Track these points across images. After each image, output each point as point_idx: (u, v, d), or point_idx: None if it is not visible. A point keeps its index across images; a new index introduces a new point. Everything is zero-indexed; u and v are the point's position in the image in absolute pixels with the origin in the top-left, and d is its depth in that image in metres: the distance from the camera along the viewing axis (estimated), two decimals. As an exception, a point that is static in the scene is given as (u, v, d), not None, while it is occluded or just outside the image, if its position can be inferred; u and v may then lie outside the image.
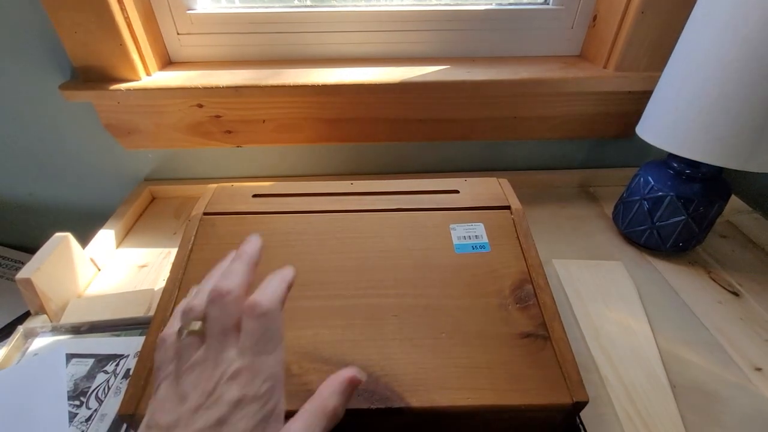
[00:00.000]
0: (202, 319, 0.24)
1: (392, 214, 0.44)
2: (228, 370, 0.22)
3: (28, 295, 0.45)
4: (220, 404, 0.21)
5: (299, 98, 0.60)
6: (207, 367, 0.22)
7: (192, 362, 0.22)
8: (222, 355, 0.22)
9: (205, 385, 0.21)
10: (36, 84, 0.58)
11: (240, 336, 0.23)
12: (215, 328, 0.23)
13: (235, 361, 0.22)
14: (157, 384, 0.23)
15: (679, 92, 0.45)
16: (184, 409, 0.21)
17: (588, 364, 0.43)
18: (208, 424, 0.20)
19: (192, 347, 0.23)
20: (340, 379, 0.24)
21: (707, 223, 0.52)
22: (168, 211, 0.67)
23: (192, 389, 0.21)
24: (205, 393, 0.21)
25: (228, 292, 0.23)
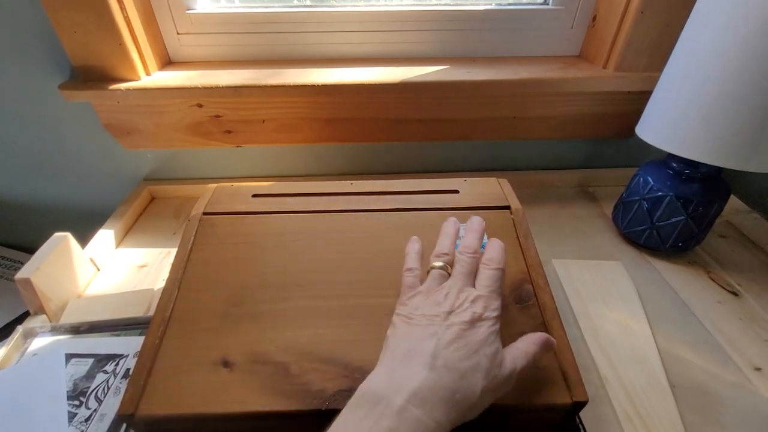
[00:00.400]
0: (449, 263, 0.33)
1: (392, 214, 0.44)
2: (471, 295, 0.30)
3: (28, 295, 0.45)
4: (466, 313, 0.29)
5: (299, 98, 0.60)
6: (454, 290, 0.30)
7: (442, 286, 0.31)
8: (465, 286, 0.31)
9: (454, 300, 0.30)
10: (35, 84, 0.58)
11: (478, 279, 0.32)
12: (461, 269, 0.32)
13: (476, 292, 0.30)
14: (407, 296, 0.32)
15: (679, 92, 0.45)
16: (440, 309, 0.29)
17: (587, 364, 0.43)
18: (461, 321, 0.28)
19: (441, 277, 0.32)
20: (542, 336, 0.31)
21: (706, 223, 0.52)
22: (167, 211, 0.67)
23: (444, 300, 0.30)
24: (455, 304, 0.29)
25: (474, 251, 0.33)
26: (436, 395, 0.25)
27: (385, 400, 0.24)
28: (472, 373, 0.26)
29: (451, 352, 0.27)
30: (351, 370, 0.32)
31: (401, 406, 0.24)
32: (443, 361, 0.26)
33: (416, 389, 0.25)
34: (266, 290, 0.38)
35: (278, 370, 0.32)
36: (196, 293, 0.37)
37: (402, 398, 0.24)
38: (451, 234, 0.36)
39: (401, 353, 0.27)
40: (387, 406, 0.24)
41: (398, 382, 0.25)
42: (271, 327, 0.35)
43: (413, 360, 0.26)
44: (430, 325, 0.28)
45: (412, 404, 0.24)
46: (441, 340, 0.27)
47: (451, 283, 0.31)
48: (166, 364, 0.32)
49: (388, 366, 0.27)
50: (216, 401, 0.30)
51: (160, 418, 0.30)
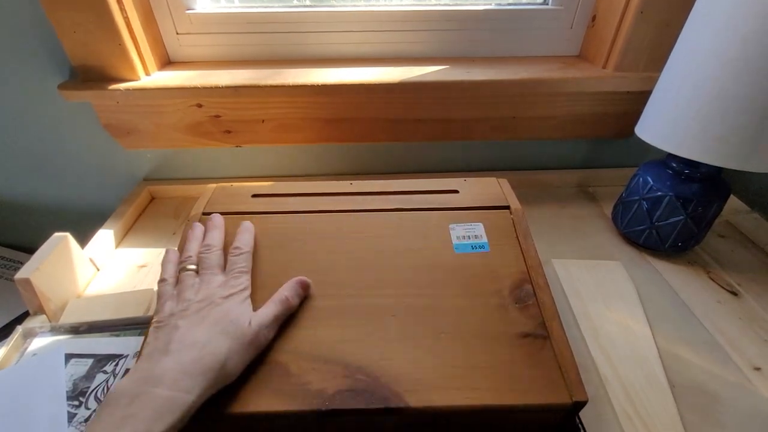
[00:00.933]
0: (195, 264, 0.36)
1: (392, 214, 0.44)
2: (215, 282, 0.35)
3: (27, 295, 0.45)
4: (214, 296, 0.33)
5: (298, 98, 0.60)
6: (203, 284, 0.34)
7: (194, 283, 0.35)
8: (211, 277, 0.35)
9: (204, 292, 0.34)
10: (35, 84, 0.58)
11: (227, 266, 0.37)
12: (205, 266, 0.36)
13: (220, 278, 0.35)
14: (161, 304, 0.34)
15: (678, 92, 0.45)
16: (188, 303, 0.33)
17: (587, 363, 0.43)
18: (205, 305, 0.32)
19: (190, 277, 0.35)
20: (293, 280, 0.36)
21: (706, 223, 0.52)
22: (167, 211, 0.67)
23: (193, 296, 0.33)
24: (204, 295, 0.33)
25: (215, 246, 0.38)
26: (176, 370, 0.28)
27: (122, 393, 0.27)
28: (215, 341, 0.30)
29: (190, 332, 0.30)
30: (351, 370, 0.32)
31: (135, 393, 0.26)
32: (179, 343, 0.29)
33: (153, 374, 0.27)
34: (266, 290, 0.37)
35: (278, 370, 0.32)
36: (195, 293, 0.37)
37: (138, 386, 0.27)
38: (197, 237, 0.40)
39: (145, 355, 0.30)
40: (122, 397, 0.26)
41: (138, 375, 0.28)
42: (270, 327, 0.35)
43: (154, 354, 0.29)
44: (177, 319, 0.31)
45: (147, 386, 0.27)
46: (179, 328, 0.31)
47: (198, 279, 0.35)
48: (166, 364, 0.32)
49: (132, 369, 0.29)
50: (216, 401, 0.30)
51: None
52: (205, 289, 0.34)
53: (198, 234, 0.40)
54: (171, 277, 0.36)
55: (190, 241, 0.39)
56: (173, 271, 0.37)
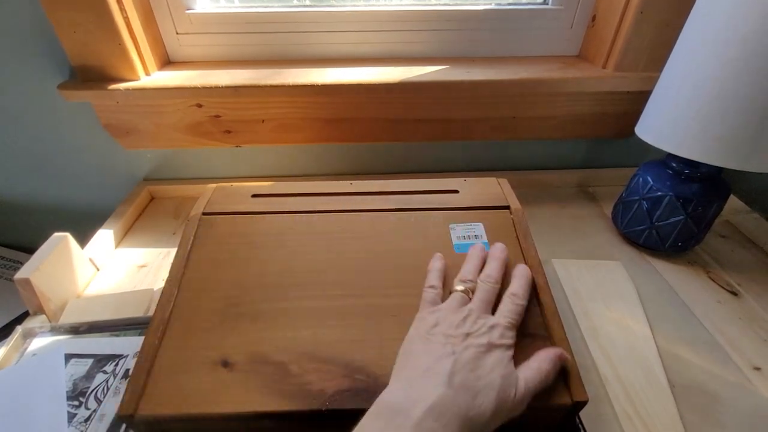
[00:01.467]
0: (471, 290, 0.35)
1: (392, 214, 0.44)
2: (489, 322, 0.32)
3: (27, 295, 0.45)
4: (483, 337, 0.31)
5: (298, 98, 0.60)
6: (473, 315, 0.32)
7: (462, 309, 0.33)
8: (483, 313, 0.33)
9: (472, 324, 0.31)
10: (35, 84, 0.58)
11: (500, 308, 0.34)
12: (481, 296, 0.34)
13: (494, 320, 0.32)
14: (428, 312, 0.33)
15: (678, 92, 0.45)
16: (459, 331, 0.31)
17: (587, 363, 0.43)
18: (479, 344, 0.30)
19: (462, 300, 0.34)
20: (554, 353, 0.32)
21: (706, 223, 0.52)
22: (167, 211, 0.67)
23: (463, 322, 0.31)
24: (473, 328, 0.31)
25: (495, 281, 0.36)
26: (451, 411, 0.26)
27: (403, 412, 0.26)
28: (485, 394, 0.27)
29: (467, 372, 0.28)
30: (351, 370, 0.32)
31: (419, 419, 0.25)
32: (460, 379, 0.27)
33: (434, 404, 0.26)
34: (266, 290, 0.38)
35: (278, 370, 0.32)
36: (195, 293, 0.37)
37: (420, 411, 0.25)
38: (477, 260, 0.38)
39: (420, 369, 0.29)
40: (406, 418, 0.25)
41: (417, 396, 0.27)
42: (271, 327, 0.35)
43: (431, 376, 0.28)
44: (448, 344, 0.30)
45: (430, 417, 0.25)
46: (459, 360, 0.29)
47: (471, 307, 0.33)
48: (166, 364, 0.32)
49: (407, 381, 0.28)
50: (216, 401, 0.30)
51: (160, 418, 0.30)
52: (475, 324, 0.31)
53: (479, 254, 0.38)
54: (439, 287, 0.35)
55: (470, 260, 0.38)
56: (440, 282, 0.36)
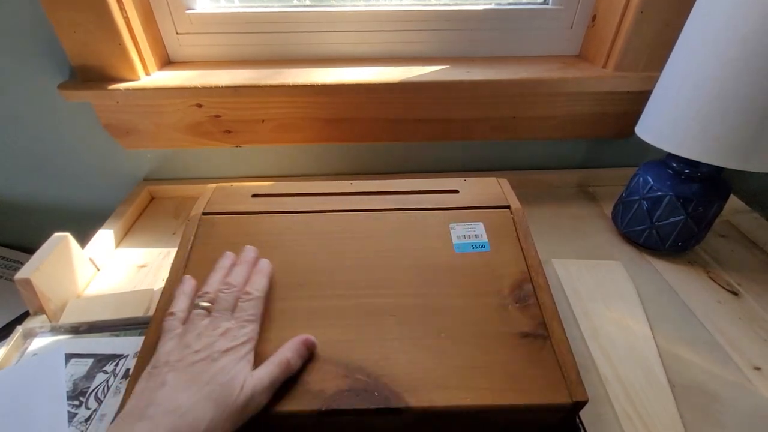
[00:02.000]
0: (210, 301, 0.34)
1: (392, 213, 0.44)
2: (220, 330, 0.32)
3: (27, 295, 0.45)
4: (211, 348, 0.30)
5: (298, 98, 0.60)
6: (208, 329, 0.32)
7: (199, 326, 0.32)
8: (220, 322, 0.32)
9: (205, 340, 0.31)
10: (35, 84, 0.58)
11: (235, 311, 0.34)
12: (221, 307, 0.34)
13: (227, 325, 0.32)
14: (163, 342, 0.31)
15: (678, 92, 0.45)
16: (187, 352, 0.30)
17: (587, 363, 0.43)
18: (200, 359, 0.30)
19: (200, 317, 0.33)
20: (297, 339, 0.33)
21: (706, 223, 0.52)
22: (167, 211, 0.67)
23: (194, 341, 0.31)
24: (204, 343, 0.31)
25: (235, 286, 0.35)
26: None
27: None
28: (197, 407, 0.27)
29: (172, 393, 0.28)
30: (351, 370, 0.32)
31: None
32: (158, 409, 0.27)
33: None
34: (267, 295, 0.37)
35: (278, 370, 0.32)
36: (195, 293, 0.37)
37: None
38: (223, 269, 0.37)
39: (129, 412, 0.28)
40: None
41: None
42: (271, 327, 0.35)
43: (129, 419, 0.27)
44: (168, 373, 0.29)
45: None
46: (165, 386, 0.28)
47: (206, 322, 0.32)
48: (166, 364, 0.32)
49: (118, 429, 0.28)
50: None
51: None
52: (207, 337, 0.31)
53: (225, 265, 0.38)
54: (181, 311, 0.34)
55: (215, 271, 0.37)
56: (185, 305, 0.34)
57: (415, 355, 0.33)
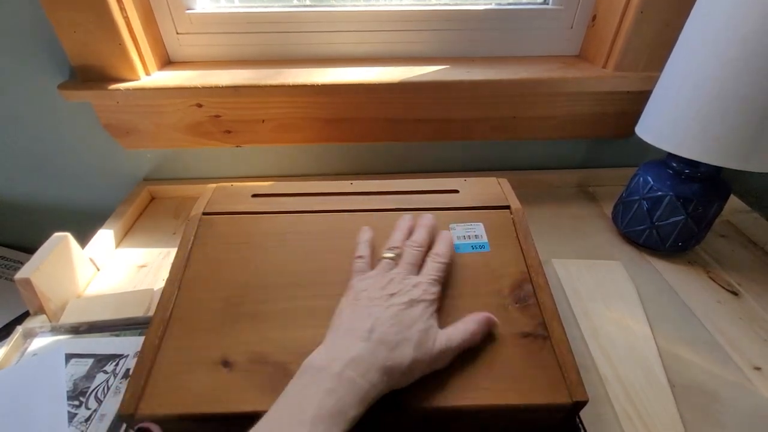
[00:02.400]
0: (397, 255, 0.37)
1: (392, 214, 0.44)
2: (412, 282, 0.34)
3: (27, 295, 0.45)
4: (406, 296, 0.33)
5: (298, 98, 0.60)
6: (398, 277, 0.35)
7: (390, 273, 0.35)
8: (408, 274, 0.35)
9: (397, 285, 0.34)
10: (35, 84, 0.58)
11: (424, 269, 0.36)
12: (406, 260, 0.36)
13: (417, 279, 0.35)
14: (358, 280, 0.35)
15: (678, 92, 0.45)
16: (383, 292, 0.33)
17: (587, 363, 0.43)
18: (400, 302, 0.32)
19: (389, 266, 0.36)
20: (481, 315, 0.34)
21: (706, 223, 0.52)
22: (167, 211, 0.67)
23: (388, 284, 0.34)
24: (397, 288, 0.33)
25: (420, 245, 0.38)
26: (369, 362, 0.28)
27: (325, 368, 0.28)
28: (403, 346, 0.30)
29: (386, 327, 0.30)
30: (351, 370, 0.32)
31: (339, 370, 0.27)
32: (378, 335, 0.30)
33: (352, 357, 0.28)
34: (266, 290, 0.38)
35: (278, 370, 0.32)
36: (196, 293, 0.37)
37: (340, 365, 0.28)
38: (404, 229, 0.40)
39: (343, 331, 0.31)
40: (327, 372, 0.27)
41: (337, 353, 0.29)
42: (271, 327, 0.35)
43: (352, 336, 0.30)
44: (372, 306, 0.32)
45: (349, 368, 0.27)
46: (379, 319, 0.31)
47: (397, 271, 0.35)
48: (166, 364, 0.32)
49: (331, 342, 0.31)
50: (216, 401, 0.30)
51: (161, 418, 0.30)
52: (399, 284, 0.34)
53: (406, 225, 0.41)
54: (367, 256, 0.38)
55: (398, 230, 0.40)
56: (368, 251, 0.39)
57: (415, 355, 0.33)
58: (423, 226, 0.40)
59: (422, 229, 0.40)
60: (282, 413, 0.26)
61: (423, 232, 0.39)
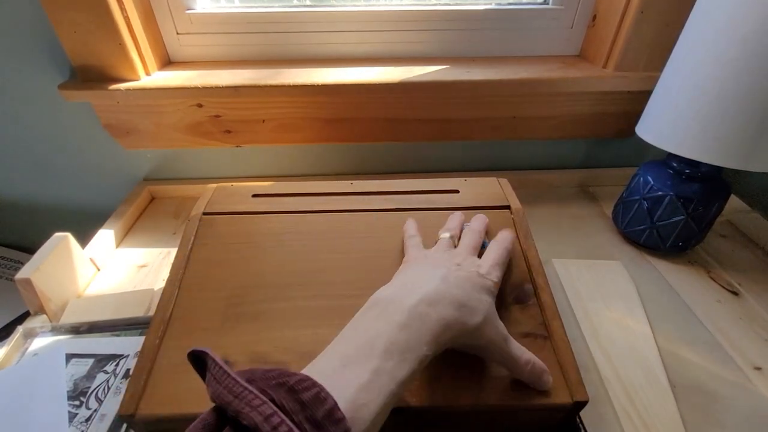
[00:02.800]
0: (453, 235, 0.37)
1: (392, 213, 0.44)
2: (476, 261, 0.33)
3: (28, 295, 0.45)
4: (474, 269, 0.32)
5: (299, 98, 0.60)
6: (462, 254, 0.34)
7: (451, 250, 0.35)
8: (470, 255, 0.34)
9: (463, 258, 0.33)
10: (35, 84, 0.58)
11: (486, 253, 0.35)
12: (467, 242, 0.36)
13: (480, 260, 0.34)
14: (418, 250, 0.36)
15: (679, 92, 0.45)
16: (451, 261, 0.32)
17: (588, 363, 0.43)
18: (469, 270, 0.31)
19: (449, 244, 0.36)
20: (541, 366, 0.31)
21: (706, 223, 0.52)
22: (167, 211, 0.67)
23: (454, 256, 0.33)
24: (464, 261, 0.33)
25: (479, 232, 0.38)
26: (445, 299, 0.27)
27: (397, 301, 0.27)
28: (476, 304, 0.29)
29: (459, 282, 0.30)
30: (351, 370, 0.32)
31: (413, 305, 0.26)
32: (454, 280, 0.29)
33: (427, 292, 0.27)
34: (266, 290, 0.38)
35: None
36: (196, 293, 0.37)
37: (414, 299, 0.27)
38: (458, 217, 0.41)
39: (414, 274, 0.31)
40: (399, 305, 0.26)
41: (410, 289, 0.28)
42: (271, 327, 0.35)
43: (426, 276, 0.29)
44: (441, 265, 0.31)
45: (423, 303, 0.26)
46: (451, 272, 0.30)
47: (459, 250, 0.35)
48: (166, 364, 0.32)
49: (400, 281, 0.30)
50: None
51: (161, 418, 0.30)
52: (465, 259, 0.33)
53: (459, 216, 0.41)
54: (420, 237, 0.39)
55: (454, 217, 0.41)
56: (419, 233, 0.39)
57: (415, 355, 0.33)
58: (478, 220, 0.41)
59: (478, 221, 0.40)
60: (348, 345, 0.25)
61: (479, 222, 0.40)
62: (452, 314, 0.27)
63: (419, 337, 0.25)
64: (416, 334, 0.25)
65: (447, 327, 0.26)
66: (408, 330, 0.25)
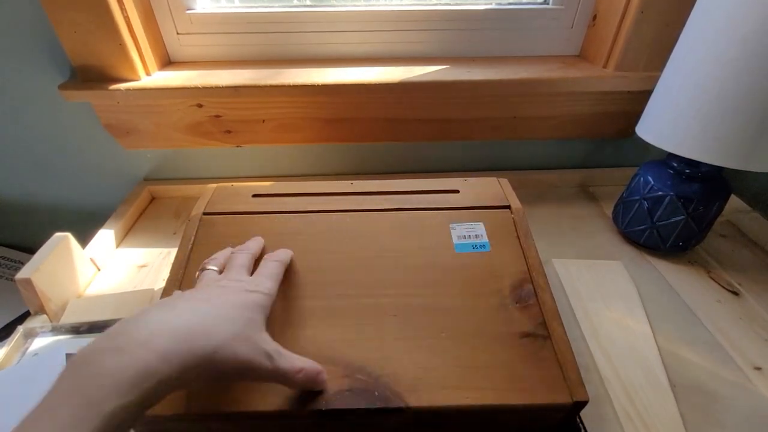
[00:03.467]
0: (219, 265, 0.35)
1: (392, 213, 0.44)
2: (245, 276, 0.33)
3: (28, 295, 0.45)
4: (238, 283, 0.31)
5: (299, 98, 0.60)
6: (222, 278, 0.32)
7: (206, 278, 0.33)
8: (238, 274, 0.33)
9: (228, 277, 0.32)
10: (35, 84, 0.58)
11: (258, 268, 0.35)
12: (234, 263, 0.34)
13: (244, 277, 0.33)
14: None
15: (679, 92, 0.45)
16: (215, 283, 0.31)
17: (588, 363, 0.43)
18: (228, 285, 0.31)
19: (209, 273, 0.34)
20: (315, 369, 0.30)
21: (707, 223, 0.52)
22: (168, 211, 0.67)
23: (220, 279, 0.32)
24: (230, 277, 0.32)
25: (249, 250, 0.37)
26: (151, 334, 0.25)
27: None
28: (222, 323, 0.27)
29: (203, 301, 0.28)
30: (351, 370, 0.32)
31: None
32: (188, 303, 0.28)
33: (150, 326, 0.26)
34: (266, 290, 0.37)
35: (278, 370, 0.32)
36: (196, 293, 0.37)
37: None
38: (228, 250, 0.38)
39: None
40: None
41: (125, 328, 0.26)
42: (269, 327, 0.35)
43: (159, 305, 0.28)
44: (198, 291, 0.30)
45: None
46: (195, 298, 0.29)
47: (225, 272, 0.34)
48: (167, 364, 0.32)
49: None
50: (216, 401, 0.30)
51: (162, 418, 0.30)
52: (235, 278, 0.32)
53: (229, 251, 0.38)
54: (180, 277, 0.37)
55: (223, 251, 0.38)
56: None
57: (415, 355, 0.33)
58: (254, 240, 0.39)
59: (253, 242, 0.39)
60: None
61: (253, 243, 0.38)
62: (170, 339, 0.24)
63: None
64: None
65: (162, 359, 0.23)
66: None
